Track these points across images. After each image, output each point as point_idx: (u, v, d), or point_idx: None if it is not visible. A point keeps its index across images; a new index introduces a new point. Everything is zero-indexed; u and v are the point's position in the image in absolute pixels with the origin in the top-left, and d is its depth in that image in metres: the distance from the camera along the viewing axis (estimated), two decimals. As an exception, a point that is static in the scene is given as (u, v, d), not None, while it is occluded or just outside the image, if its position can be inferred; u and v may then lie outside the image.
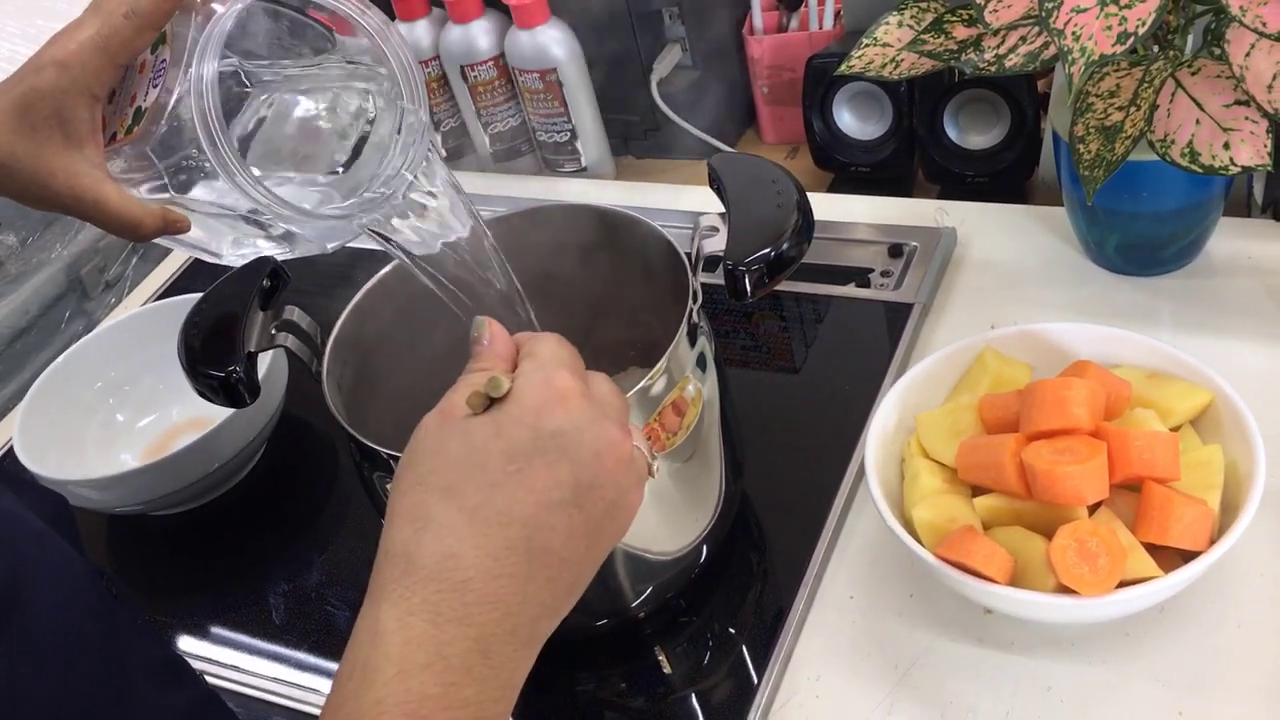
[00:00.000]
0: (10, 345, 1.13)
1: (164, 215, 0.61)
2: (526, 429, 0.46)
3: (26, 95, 0.57)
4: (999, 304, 0.89)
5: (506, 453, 0.46)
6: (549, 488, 0.45)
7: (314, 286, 0.97)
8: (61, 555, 0.48)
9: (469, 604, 0.43)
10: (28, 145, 0.58)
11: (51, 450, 0.89)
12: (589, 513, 0.46)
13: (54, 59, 0.57)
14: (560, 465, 0.46)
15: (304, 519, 0.90)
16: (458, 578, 0.44)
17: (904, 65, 0.80)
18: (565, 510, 0.46)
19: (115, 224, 0.60)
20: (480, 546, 0.44)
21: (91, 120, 0.58)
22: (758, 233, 0.63)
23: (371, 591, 0.45)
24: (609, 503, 0.47)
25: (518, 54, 1.08)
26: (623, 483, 0.48)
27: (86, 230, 1.19)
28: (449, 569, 0.44)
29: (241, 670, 0.79)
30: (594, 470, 0.46)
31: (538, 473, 0.46)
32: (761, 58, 1.11)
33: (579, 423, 0.47)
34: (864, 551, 0.76)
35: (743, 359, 0.92)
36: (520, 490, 0.45)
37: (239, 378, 0.64)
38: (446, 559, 0.44)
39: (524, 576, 0.45)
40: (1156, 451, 0.63)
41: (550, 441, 0.46)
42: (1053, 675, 0.66)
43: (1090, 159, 0.72)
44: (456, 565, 0.44)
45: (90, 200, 0.59)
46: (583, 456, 0.46)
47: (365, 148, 0.62)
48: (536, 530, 0.45)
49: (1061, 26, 0.64)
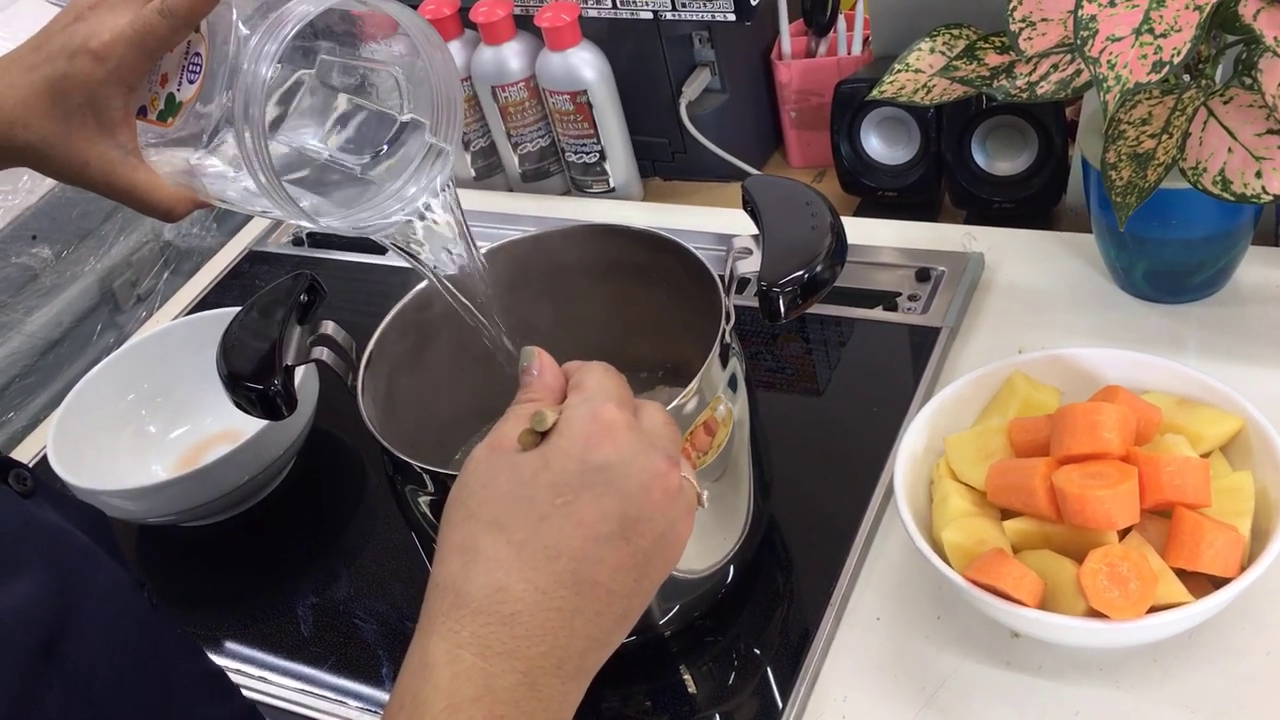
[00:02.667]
0: (43, 356, 1.15)
1: (193, 199, 0.62)
2: (574, 462, 0.46)
3: (60, 82, 0.58)
4: (1026, 329, 0.89)
5: (554, 486, 0.46)
6: (596, 521, 0.45)
7: (349, 301, 0.98)
8: (107, 569, 0.48)
9: (517, 637, 0.44)
10: (61, 130, 0.59)
11: (84, 460, 0.90)
12: (637, 545, 0.46)
13: (88, 47, 0.57)
14: (607, 499, 0.46)
15: (332, 532, 0.91)
16: (506, 611, 0.44)
17: (935, 91, 0.81)
18: (613, 544, 0.46)
19: (147, 209, 0.61)
20: (528, 580, 0.44)
21: (125, 108, 0.59)
22: (792, 255, 0.64)
23: (421, 624, 0.45)
24: (657, 535, 0.47)
25: (548, 75, 1.09)
26: (670, 514, 0.48)
27: (120, 244, 1.21)
28: (497, 602, 0.44)
29: (269, 681, 0.80)
30: (641, 503, 0.46)
31: (585, 506, 0.46)
32: (790, 82, 1.12)
33: (625, 456, 0.47)
34: (891, 573, 0.76)
35: (769, 381, 0.93)
36: (568, 524, 0.45)
37: (277, 391, 0.65)
38: (495, 592, 0.44)
39: (571, 610, 0.45)
40: (1187, 477, 0.63)
41: (597, 475, 0.46)
42: (1080, 700, 0.66)
43: (1122, 186, 0.73)
44: (504, 599, 0.44)
45: (123, 187, 0.60)
46: (630, 489, 0.46)
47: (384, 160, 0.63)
48: (584, 564, 0.45)
49: (1097, 55, 0.64)
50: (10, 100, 0.59)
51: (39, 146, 0.59)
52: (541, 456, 0.47)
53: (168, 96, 0.59)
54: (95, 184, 0.61)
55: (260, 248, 1.21)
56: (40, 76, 0.58)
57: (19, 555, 0.45)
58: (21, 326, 1.12)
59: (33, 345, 1.14)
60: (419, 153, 0.62)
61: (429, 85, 0.60)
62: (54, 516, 0.50)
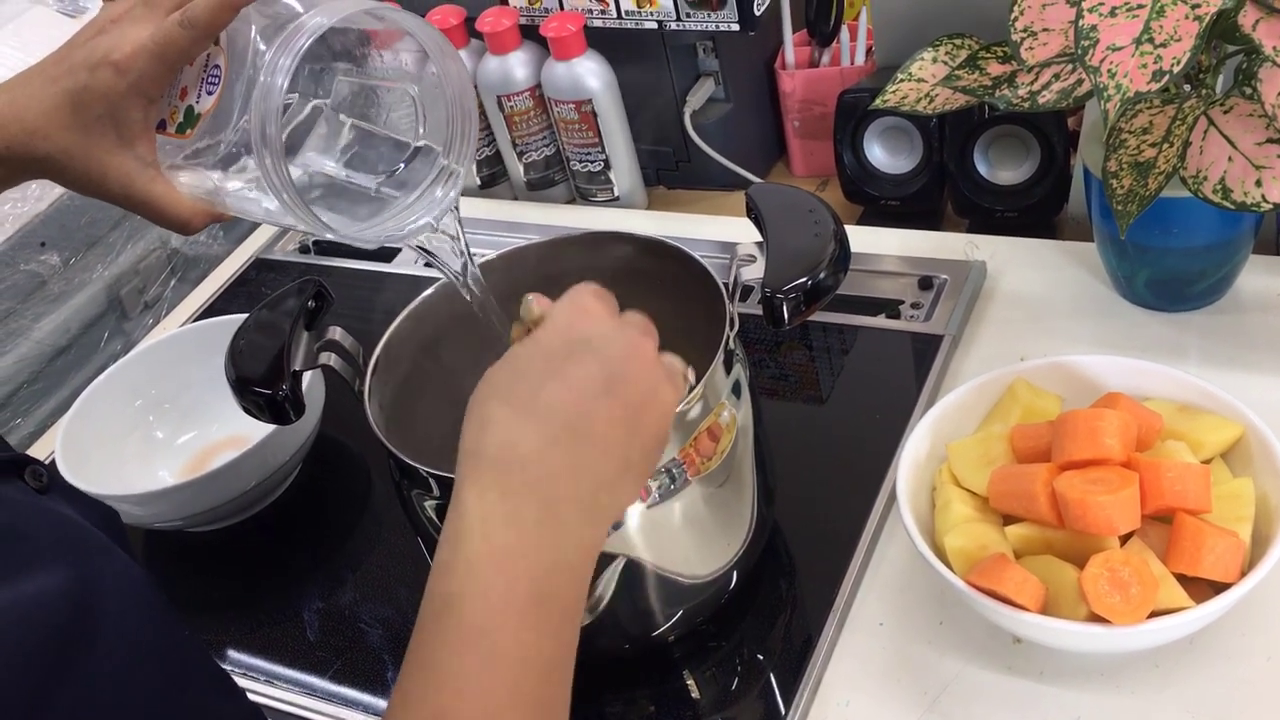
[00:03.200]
0: (51, 363, 1.15)
1: (209, 212, 0.63)
2: (559, 339, 0.54)
3: (81, 94, 0.59)
4: (1028, 337, 0.90)
5: (545, 359, 0.53)
6: (583, 381, 0.52)
7: (356, 308, 0.99)
8: (124, 564, 0.49)
9: (530, 478, 0.50)
10: (81, 142, 0.60)
11: (92, 465, 0.90)
12: (624, 401, 0.52)
13: (109, 60, 0.58)
14: (591, 364, 0.52)
15: (338, 538, 0.91)
16: (517, 457, 0.50)
17: (938, 101, 0.82)
18: (601, 400, 0.52)
19: (164, 221, 0.62)
20: (532, 432, 0.51)
21: (145, 120, 0.60)
22: (795, 261, 0.64)
23: (454, 489, 0.51)
24: (641, 394, 0.53)
25: (554, 85, 1.10)
26: (651, 378, 0.54)
27: (127, 251, 1.21)
28: (509, 453, 0.50)
29: (275, 686, 0.80)
30: (621, 366, 0.53)
31: (572, 371, 0.52)
32: (793, 92, 1.12)
33: (604, 331, 0.54)
34: (894, 579, 0.76)
35: (773, 388, 0.93)
36: (560, 387, 0.52)
37: (285, 395, 0.65)
38: (506, 446, 0.51)
39: (575, 453, 0.51)
40: (1188, 483, 0.64)
41: (580, 346, 0.53)
42: (1082, 705, 0.67)
43: (1123, 194, 0.73)
44: (515, 450, 0.50)
45: (141, 199, 0.61)
46: (610, 355, 0.53)
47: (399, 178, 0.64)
48: (579, 417, 0.51)
49: (1098, 64, 0.65)
50: (31, 111, 0.60)
51: (58, 157, 0.60)
52: (533, 340, 0.54)
53: (186, 109, 0.59)
54: (113, 195, 0.61)
55: (267, 255, 1.22)
56: (61, 88, 0.59)
57: (36, 550, 0.45)
58: (30, 333, 1.13)
59: (40, 352, 1.14)
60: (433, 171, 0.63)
61: (444, 99, 0.61)
62: (70, 512, 0.51)
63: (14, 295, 1.12)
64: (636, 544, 0.68)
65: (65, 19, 1.23)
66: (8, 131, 0.60)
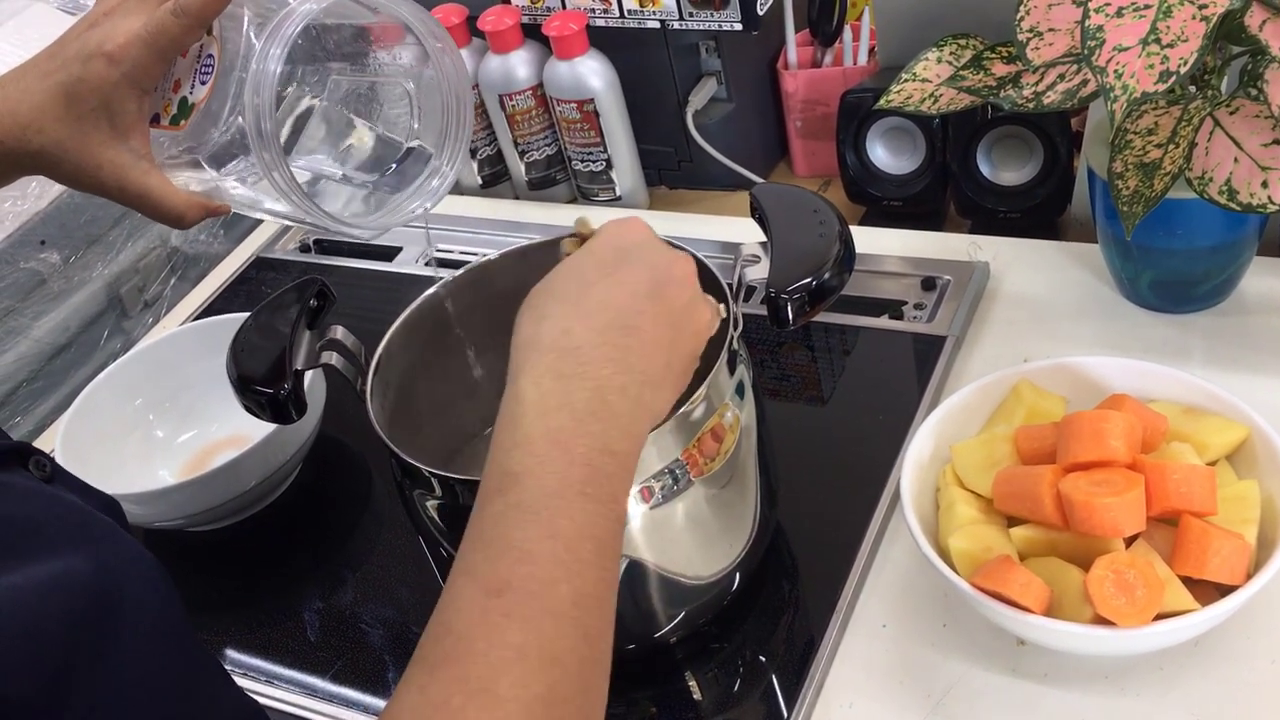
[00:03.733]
0: (50, 361, 1.15)
1: (205, 206, 0.63)
2: (610, 248, 0.58)
3: (74, 85, 0.58)
4: (1032, 338, 0.90)
5: (598, 264, 0.57)
6: (633, 282, 0.56)
7: (357, 307, 0.98)
8: (132, 548, 0.49)
9: (584, 363, 0.53)
10: (74, 134, 0.59)
11: (92, 464, 0.90)
12: (669, 305, 0.56)
13: (102, 50, 0.58)
14: (640, 268, 0.57)
15: (339, 538, 0.91)
16: (571, 344, 0.54)
17: (942, 101, 0.81)
18: (649, 299, 0.56)
19: (159, 215, 0.62)
20: (585, 324, 0.54)
21: (139, 111, 0.60)
22: (800, 262, 0.64)
23: (510, 378, 0.54)
24: (685, 301, 0.58)
25: (556, 84, 1.10)
26: (693, 289, 0.58)
27: (127, 250, 1.21)
28: (563, 340, 0.54)
29: (275, 685, 0.80)
30: (666, 272, 0.57)
31: (624, 272, 0.57)
32: (796, 92, 1.12)
33: (649, 242, 0.59)
34: (897, 580, 0.76)
35: (775, 389, 0.93)
36: (612, 284, 0.56)
37: (287, 394, 0.65)
38: (561, 335, 0.54)
39: (623, 347, 0.54)
40: (1194, 485, 0.63)
41: (631, 252, 0.58)
42: (1086, 708, 0.67)
43: (1129, 195, 0.73)
44: (569, 338, 0.54)
45: (136, 191, 0.61)
46: (656, 262, 0.58)
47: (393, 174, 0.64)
48: (628, 314, 0.55)
49: (1104, 64, 0.65)
50: (24, 105, 0.59)
51: (52, 151, 0.60)
52: (586, 249, 0.59)
53: (180, 100, 0.59)
54: (107, 189, 0.61)
55: (267, 254, 1.22)
56: (55, 82, 0.59)
57: (51, 536, 0.45)
58: (29, 331, 1.13)
59: (40, 350, 1.14)
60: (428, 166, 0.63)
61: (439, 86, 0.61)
62: (77, 500, 0.50)
63: (14, 293, 1.11)
64: (639, 544, 0.68)
65: (66, 16, 1.23)
66: (1, 126, 0.60)
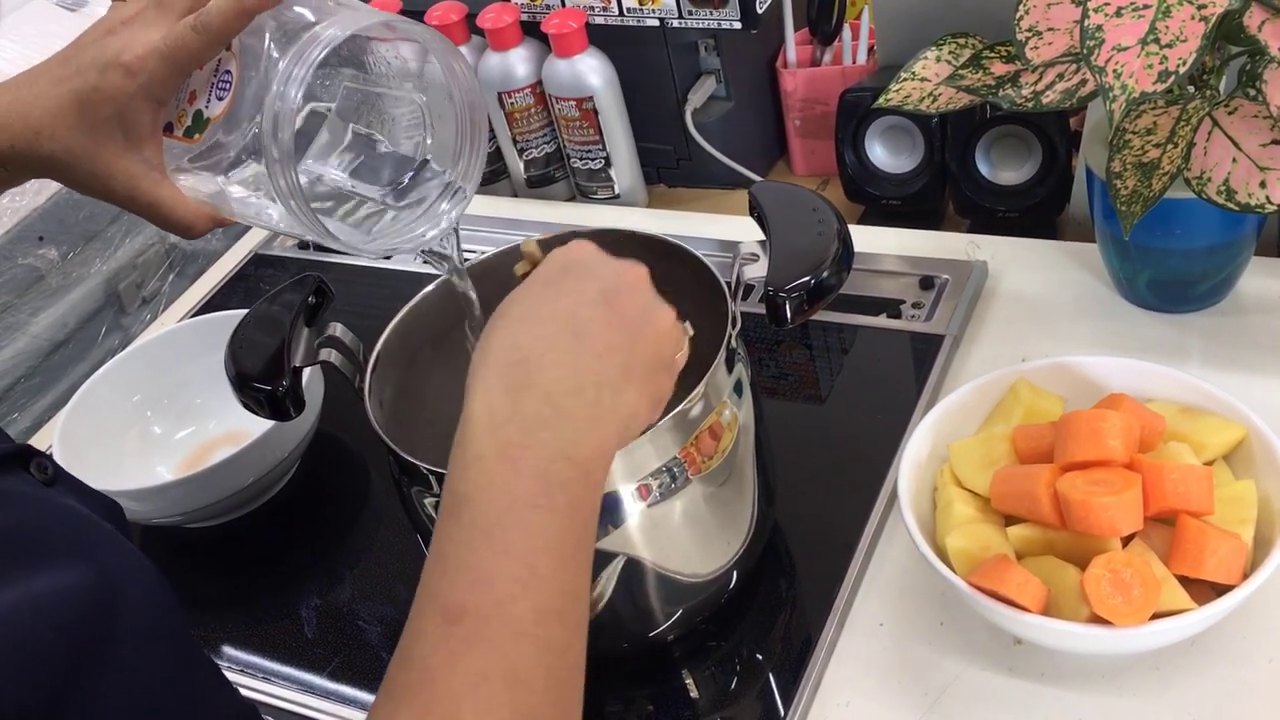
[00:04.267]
0: (48, 357, 1.15)
1: (213, 217, 0.63)
2: (557, 265, 0.58)
3: (89, 94, 0.58)
4: (1030, 338, 0.90)
5: (544, 281, 0.57)
6: (580, 293, 0.55)
7: (354, 305, 0.98)
8: (132, 554, 0.49)
9: (531, 371, 0.52)
10: (87, 143, 0.59)
11: (90, 461, 0.90)
12: (621, 312, 0.55)
13: (120, 61, 0.57)
14: (587, 280, 0.56)
15: (336, 535, 0.91)
16: (518, 356, 0.53)
17: (941, 100, 0.82)
18: (598, 307, 0.55)
19: (168, 225, 0.62)
20: (533, 334, 0.54)
21: (153, 122, 0.59)
22: (799, 260, 0.64)
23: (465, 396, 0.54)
24: (639, 308, 0.56)
25: (555, 82, 1.09)
26: (645, 296, 0.57)
27: (125, 246, 1.21)
28: (510, 352, 0.53)
29: (272, 682, 0.80)
30: (616, 282, 0.56)
31: (570, 285, 0.56)
32: (795, 91, 1.12)
33: (596, 255, 0.58)
34: (894, 579, 0.76)
35: (773, 388, 0.93)
36: (559, 297, 0.55)
37: (285, 391, 0.65)
38: (509, 348, 0.54)
39: (574, 350, 0.53)
40: (1191, 485, 0.63)
41: (577, 266, 0.57)
42: (1082, 707, 0.67)
43: (1127, 194, 0.73)
44: (516, 348, 0.54)
45: (146, 201, 0.61)
46: (604, 274, 0.57)
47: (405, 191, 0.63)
48: (577, 320, 0.54)
49: (1103, 64, 0.65)
50: (37, 110, 0.59)
51: (63, 158, 0.60)
52: (534, 273, 0.58)
53: (195, 113, 0.59)
54: (118, 197, 0.61)
55: (265, 251, 1.21)
56: (69, 89, 0.59)
57: (50, 546, 0.45)
58: (27, 327, 1.13)
59: (38, 346, 1.14)
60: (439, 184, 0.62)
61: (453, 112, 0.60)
62: (77, 504, 0.50)
63: (12, 289, 1.11)
64: (636, 542, 0.68)
65: (65, 13, 1.22)
66: (12, 130, 0.60)
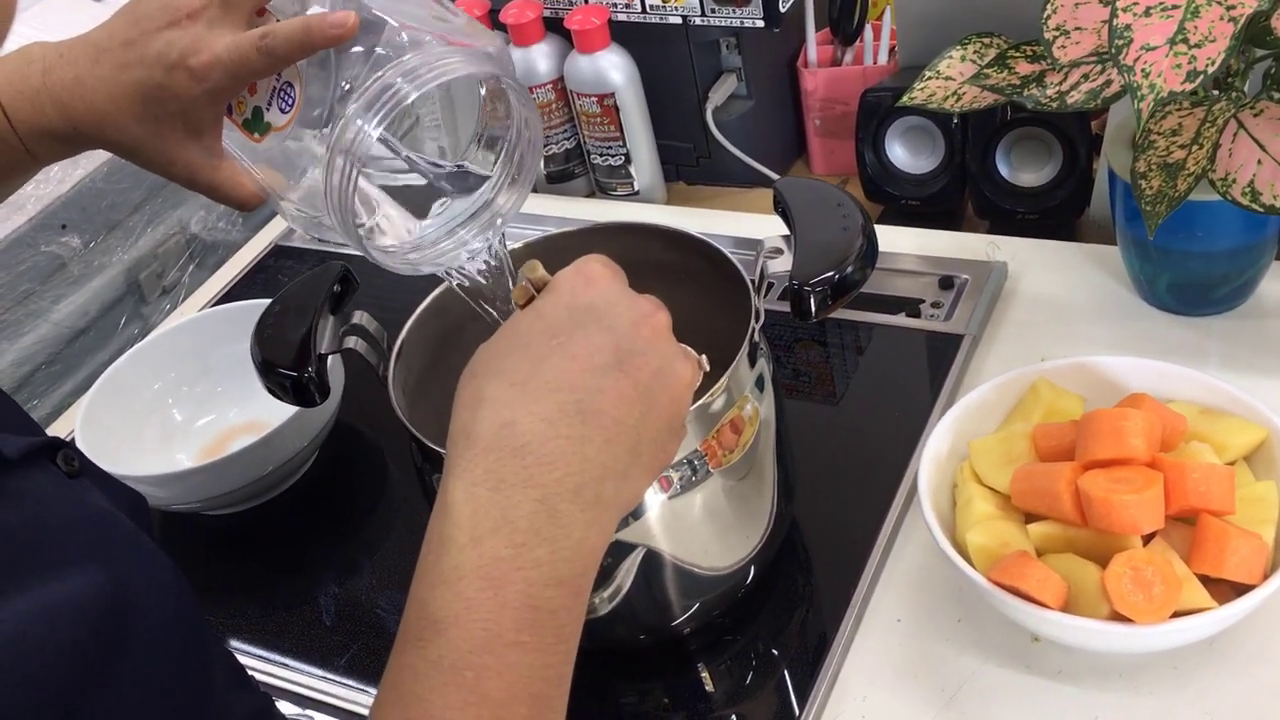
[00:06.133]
0: (69, 345, 1.16)
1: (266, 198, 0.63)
2: (563, 308, 0.50)
3: (154, 91, 0.59)
4: (1049, 339, 0.90)
5: (547, 331, 0.49)
6: (591, 354, 0.48)
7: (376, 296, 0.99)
8: (153, 556, 0.48)
9: (529, 466, 0.45)
10: (150, 133, 0.60)
11: (110, 446, 0.91)
12: (635, 377, 0.48)
13: (186, 64, 0.58)
14: (598, 335, 0.48)
15: (355, 524, 0.92)
16: (515, 443, 0.46)
17: (965, 99, 0.82)
18: (610, 374, 0.48)
19: (224, 202, 0.63)
20: (533, 413, 0.46)
21: (215, 118, 0.60)
22: (823, 255, 0.65)
23: (444, 475, 0.47)
24: (654, 369, 0.49)
25: (577, 78, 1.10)
26: (664, 351, 0.50)
27: (147, 236, 1.22)
28: (506, 437, 0.46)
29: (291, 669, 0.80)
30: (631, 338, 0.49)
31: (578, 343, 0.48)
32: (815, 90, 1.12)
33: (611, 298, 0.50)
34: (911, 575, 0.76)
35: (792, 385, 0.93)
36: (564, 360, 0.48)
37: (310, 378, 0.66)
38: (503, 428, 0.46)
39: (580, 437, 0.46)
40: (1213, 484, 0.63)
41: (586, 315, 0.49)
42: (1099, 705, 0.67)
43: (1152, 195, 0.73)
44: (513, 432, 0.46)
45: (205, 185, 0.62)
46: (619, 326, 0.49)
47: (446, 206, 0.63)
48: (585, 393, 0.47)
49: (1131, 63, 0.65)
50: (100, 95, 0.60)
51: (127, 144, 0.61)
52: (533, 310, 0.50)
53: (255, 109, 0.59)
54: (178, 179, 0.63)
55: (285, 242, 1.22)
56: (134, 80, 0.59)
57: (67, 547, 0.44)
58: (48, 315, 1.13)
59: (59, 334, 1.15)
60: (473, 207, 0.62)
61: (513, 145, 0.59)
62: (100, 499, 0.49)
63: (34, 276, 1.12)
64: (656, 534, 0.68)
65: (90, 3, 1.23)
66: (76, 112, 0.61)
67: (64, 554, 0.44)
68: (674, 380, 0.50)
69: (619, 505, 0.49)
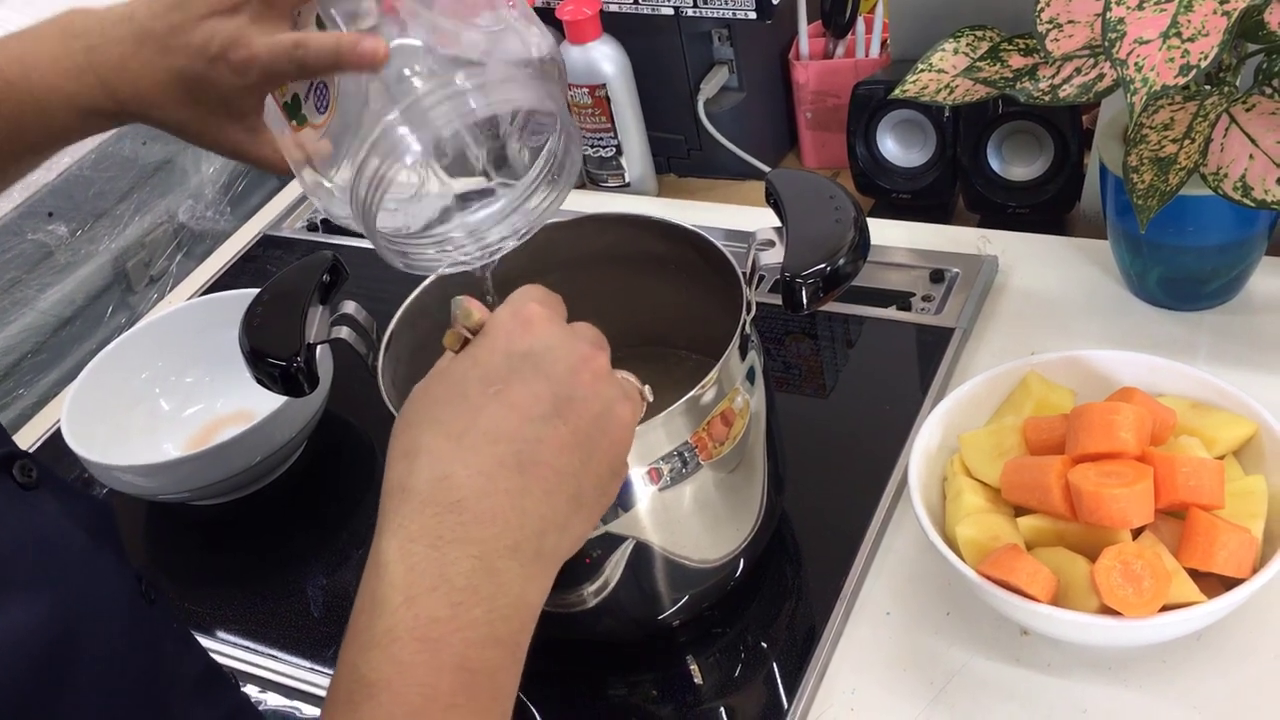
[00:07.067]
0: (55, 334, 1.15)
1: None
2: (499, 355, 0.48)
3: (198, 80, 0.60)
4: (1039, 332, 0.90)
5: (483, 379, 0.48)
6: (529, 403, 0.47)
7: (365, 286, 0.98)
8: (104, 571, 0.46)
9: (466, 523, 0.44)
10: (194, 117, 0.62)
11: (97, 436, 0.90)
12: (574, 424, 0.47)
13: (227, 58, 0.59)
14: (536, 382, 0.47)
15: (343, 515, 0.91)
16: (452, 498, 0.44)
17: (958, 92, 0.82)
18: (549, 423, 0.47)
19: (270, 171, 0.65)
20: (470, 465, 0.45)
21: (256, 104, 0.61)
22: (816, 247, 0.64)
23: (377, 532, 0.46)
24: (594, 415, 0.48)
25: (569, 69, 1.09)
26: (604, 394, 0.49)
27: (134, 224, 1.21)
28: (442, 491, 0.44)
29: (278, 660, 0.80)
30: (570, 384, 0.48)
31: (516, 391, 0.47)
32: (807, 83, 1.12)
33: (549, 343, 0.49)
34: (901, 569, 0.76)
35: (782, 378, 0.93)
36: (502, 409, 0.46)
37: (299, 367, 0.65)
38: (439, 481, 0.45)
39: (519, 490, 0.45)
40: (1202, 478, 0.64)
41: (523, 362, 0.48)
42: (1089, 698, 0.67)
43: (1143, 189, 0.73)
44: (449, 486, 0.45)
45: (250, 160, 0.64)
46: (557, 372, 0.48)
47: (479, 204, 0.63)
48: (524, 444, 0.46)
49: (1124, 57, 0.65)
50: (145, 80, 0.61)
51: (173, 127, 0.63)
52: (469, 356, 0.49)
53: (294, 95, 0.60)
54: (223, 154, 0.65)
55: (274, 232, 1.21)
56: (176, 67, 0.60)
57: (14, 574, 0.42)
58: (34, 303, 1.13)
59: (45, 322, 1.14)
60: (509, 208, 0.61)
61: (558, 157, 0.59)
62: (56, 513, 0.47)
63: (20, 265, 1.11)
64: (646, 526, 0.68)
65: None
66: (121, 93, 0.62)
67: (8, 577, 0.42)
68: (614, 424, 0.49)
69: (559, 556, 0.48)
